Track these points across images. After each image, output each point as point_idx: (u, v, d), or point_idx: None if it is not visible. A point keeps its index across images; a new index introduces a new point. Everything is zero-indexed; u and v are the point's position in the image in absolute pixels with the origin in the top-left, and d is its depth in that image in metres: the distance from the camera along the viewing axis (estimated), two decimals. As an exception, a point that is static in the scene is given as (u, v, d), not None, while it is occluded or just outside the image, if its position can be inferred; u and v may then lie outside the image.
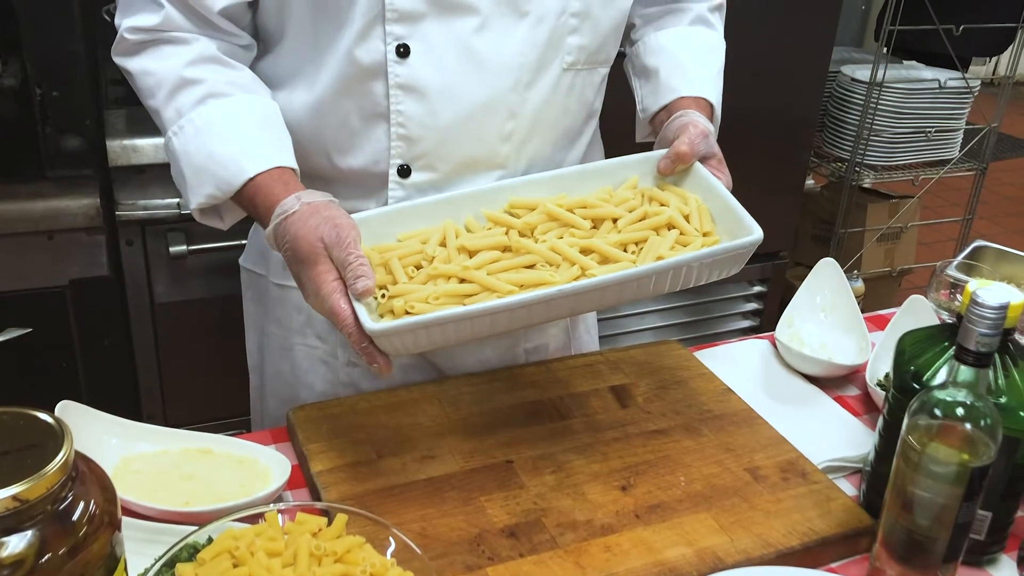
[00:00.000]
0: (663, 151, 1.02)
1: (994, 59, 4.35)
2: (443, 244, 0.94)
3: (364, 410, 1.04)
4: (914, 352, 0.93)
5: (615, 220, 0.97)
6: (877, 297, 2.59)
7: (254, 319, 1.23)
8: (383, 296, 0.89)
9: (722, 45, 1.20)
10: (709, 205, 0.99)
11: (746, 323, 2.45)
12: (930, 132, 2.42)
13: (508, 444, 1.00)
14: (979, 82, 2.44)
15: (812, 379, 1.21)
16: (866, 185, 2.51)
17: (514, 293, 0.87)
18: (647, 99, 1.15)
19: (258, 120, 0.99)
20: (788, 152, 2.29)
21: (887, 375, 1.20)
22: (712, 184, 0.99)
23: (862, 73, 2.45)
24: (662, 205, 0.99)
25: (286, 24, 1.01)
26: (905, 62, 2.59)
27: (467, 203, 0.98)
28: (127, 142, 1.66)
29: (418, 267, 0.93)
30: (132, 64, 0.99)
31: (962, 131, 2.49)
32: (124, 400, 1.86)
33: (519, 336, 1.19)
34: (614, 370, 1.15)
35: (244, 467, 0.95)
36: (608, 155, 1.24)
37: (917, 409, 0.82)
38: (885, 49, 2.31)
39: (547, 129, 1.04)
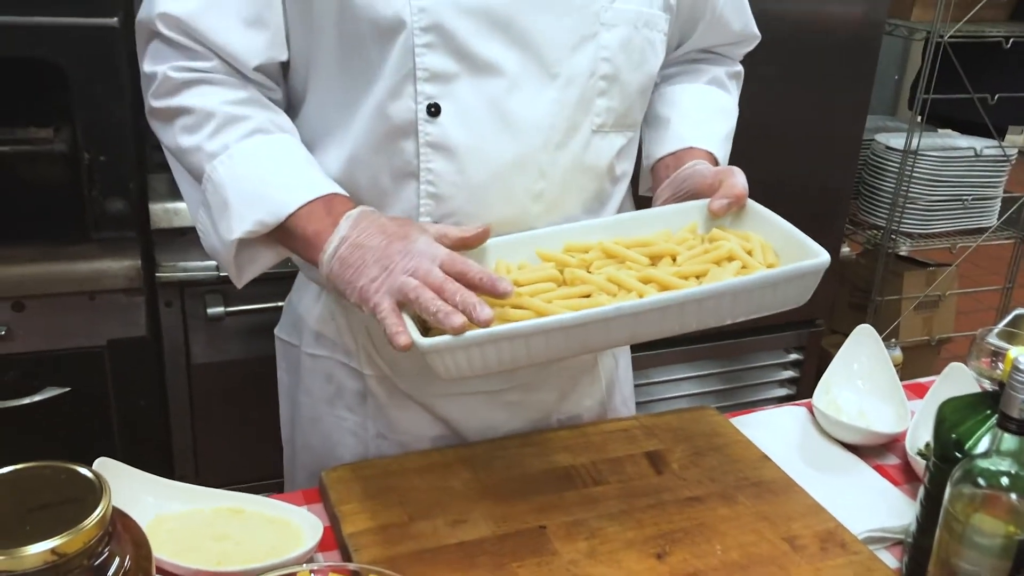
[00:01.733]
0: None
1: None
2: None
3: (396, 472, 1.04)
4: (955, 420, 0.91)
5: (674, 258, 0.96)
6: (916, 366, 2.56)
7: (287, 390, 1.24)
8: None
9: (735, 110, 1.21)
10: (771, 240, 0.97)
11: (782, 391, 2.42)
12: (967, 200, 2.41)
13: (541, 509, 0.99)
14: (1016, 150, 2.43)
15: (850, 447, 1.19)
16: (902, 253, 2.49)
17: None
18: (652, 146, 1.17)
19: (306, 156, 1.00)
20: (823, 220, 2.28)
21: (928, 444, 1.18)
22: (769, 217, 0.98)
23: (896, 142, 2.45)
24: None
25: (315, 83, 1.03)
26: (940, 131, 2.59)
27: (520, 246, 0.99)
28: (169, 205, 1.70)
29: None
30: (177, 101, 0.98)
31: (1000, 199, 2.48)
32: (157, 460, 1.87)
33: (551, 406, 1.18)
34: (649, 436, 1.14)
35: (276, 527, 0.95)
36: None
37: (960, 479, 0.80)
38: (920, 118, 2.31)
39: (577, 190, 1.05)
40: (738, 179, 1.01)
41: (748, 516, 1.00)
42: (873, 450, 1.18)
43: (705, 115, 1.16)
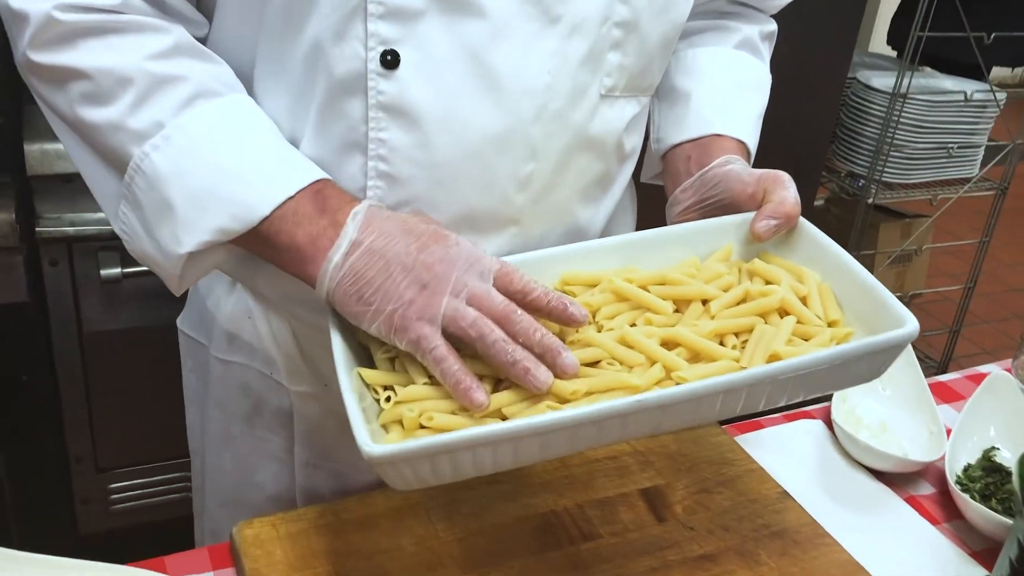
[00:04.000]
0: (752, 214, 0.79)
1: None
2: None
3: (330, 527, 0.81)
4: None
5: (705, 301, 0.74)
6: (884, 323, 2.40)
7: (195, 395, 0.99)
8: (387, 400, 0.66)
9: (769, 82, 0.97)
10: (832, 283, 0.75)
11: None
12: (952, 148, 2.23)
13: (517, 579, 0.78)
14: (1006, 94, 2.24)
15: (876, 471, 0.99)
16: (880, 203, 2.31)
17: (575, 400, 0.65)
18: (668, 127, 0.92)
19: (272, 128, 0.74)
20: (799, 165, 2.08)
21: (966, 469, 0.99)
22: (828, 247, 0.75)
23: (879, 81, 2.24)
24: (768, 283, 0.75)
25: (225, 14, 0.76)
26: (925, 70, 2.39)
27: None
28: (50, 147, 1.40)
29: None
30: (71, 59, 0.69)
31: (983, 147, 2.30)
32: (48, 441, 1.61)
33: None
34: (644, 466, 0.93)
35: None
36: (643, 213, 1.01)
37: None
38: (912, 58, 2.10)
39: (576, 174, 0.81)
40: (789, 192, 0.77)
41: (774, 582, 0.80)
42: (904, 476, 0.99)
43: (735, 92, 0.91)
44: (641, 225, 0.99)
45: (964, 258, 2.84)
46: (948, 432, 1.01)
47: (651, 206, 1.01)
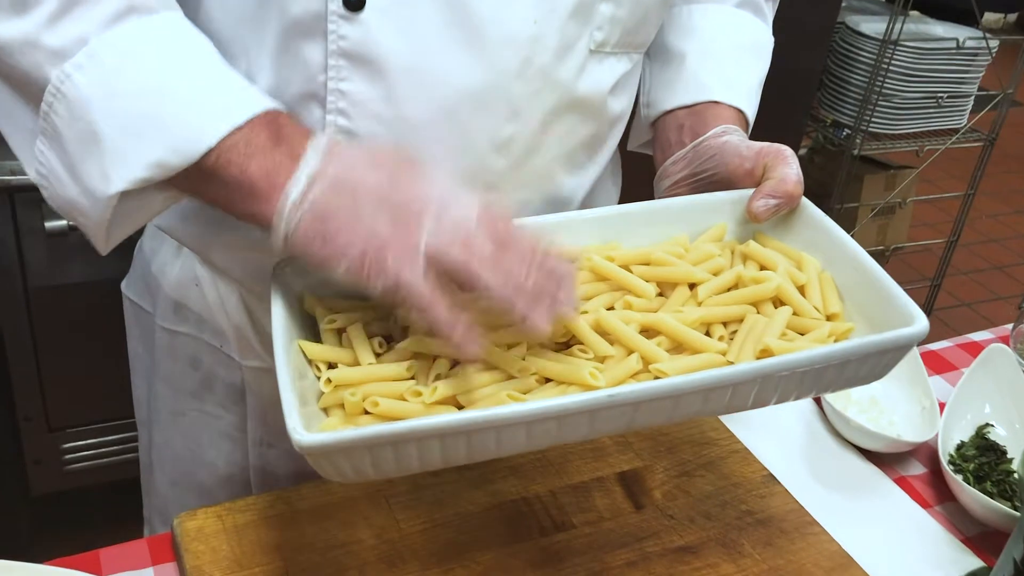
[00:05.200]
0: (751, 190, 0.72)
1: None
2: None
3: (281, 518, 0.75)
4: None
5: (693, 286, 0.67)
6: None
7: (141, 363, 0.92)
8: (328, 381, 0.59)
9: (771, 46, 0.88)
10: (834, 271, 0.68)
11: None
12: (941, 98, 2.16)
13: (484, 575, 0.72)
14: (998, 42, 2.16)
15: (866, 452, 0.94)
16: (865, 154, 2.24)
17: (536, 390, 0.58)
18: (660, 91, 0.84)
19: (214, 51, 0.62)
20: (782, 115, 2.01)
21: (959, 447, 0.94)
22: (830, 230, 0.68)
23: (868, 27, 2.16)
24: (763, 268, 0.68)
25: None
26: (914, 14, 2.30)
27: None
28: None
29: (389, 338, 0.63)
30: None
31: (973, 97, 2.23)
32: (-5, 399, 1.53)
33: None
34: (622, 447, 0.87)
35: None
36: (629, 183, 0.93)
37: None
38: (904, 2, 2.01)
39: (560, 139, 0.73)
40: (791, 169, 0.70)
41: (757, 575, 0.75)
42: (894, 456, 0.94)
43: (735, 55, 0.83)
44: (626, 198, 0.91)
45: (945, 208, 2.80)
46: (941, 407, 0.96)
47: (637, 178, 0.93)
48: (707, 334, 0.64)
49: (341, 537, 0.73)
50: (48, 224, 1.36)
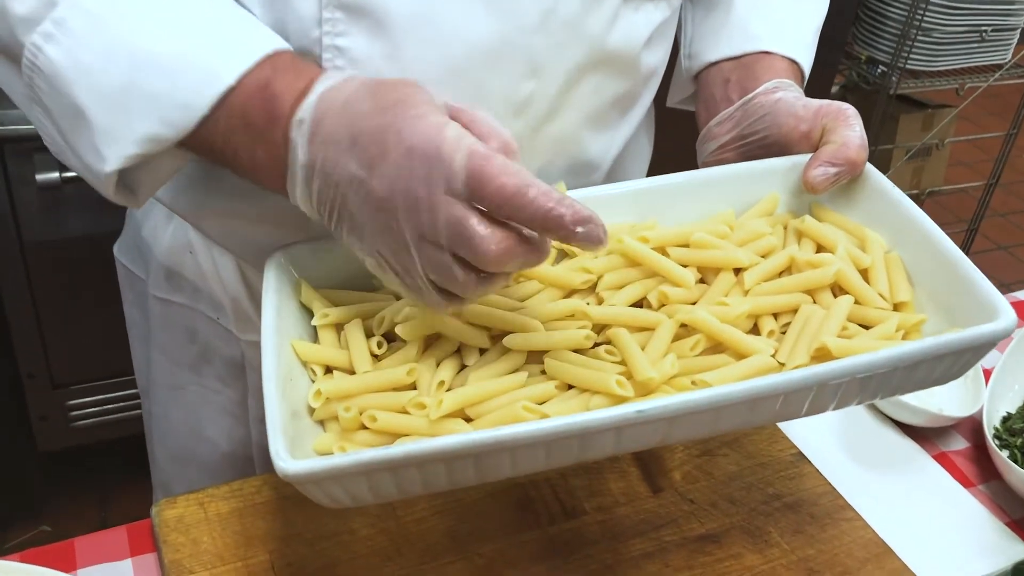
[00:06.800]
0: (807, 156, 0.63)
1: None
2: None
3: (268, 506, 0.69)
4: None
5: (738, 270, 0.59)
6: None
7: (138, 329, 0.86)
8: (318, 393, 0.53)
9: None
10: (903, 251, 0.60)
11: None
12: (985, 32, 2.03)
13: (487, 569, 0.66)
14: (1048, -30, 2.03)
15: (904, 426, 0.87)
16: (902, 93, 2.12)
17: (555, 399, 0.51)
18: (703, 41, 0.75)
19: None
20: (817, 51, 1.90)
21: (1005, 420, 0.87)
22: (908, 213, 0.60)
23: (908, -45, 2.02)
24: (820, 249, 0.61)
25: None
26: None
27: None
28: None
29: (390, 339, 0.56)
30: None
31: (1019, 30, 2.10)
32: (-2, 357, 1.49)
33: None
34: (638, 423, 0.80)
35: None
36: (663, 144, 0.85)
37: None
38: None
39: (587, 97, 0.65)
40: (853, 131, 0.62)
41: (786, 569, 0.69)
42: (935, 431, 0.87)
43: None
44: (659, 160, 0.83)
45: (984, 147, 2.67)
46: (986, 375, 0.89)
47: (675, 137, 0.84)
48: (755, 327, 0.56)
49: (332, 527, 0.68)
50: (40, 176, 1.30)
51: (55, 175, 1.30)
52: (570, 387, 0.54)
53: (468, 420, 0.51)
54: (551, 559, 0.68)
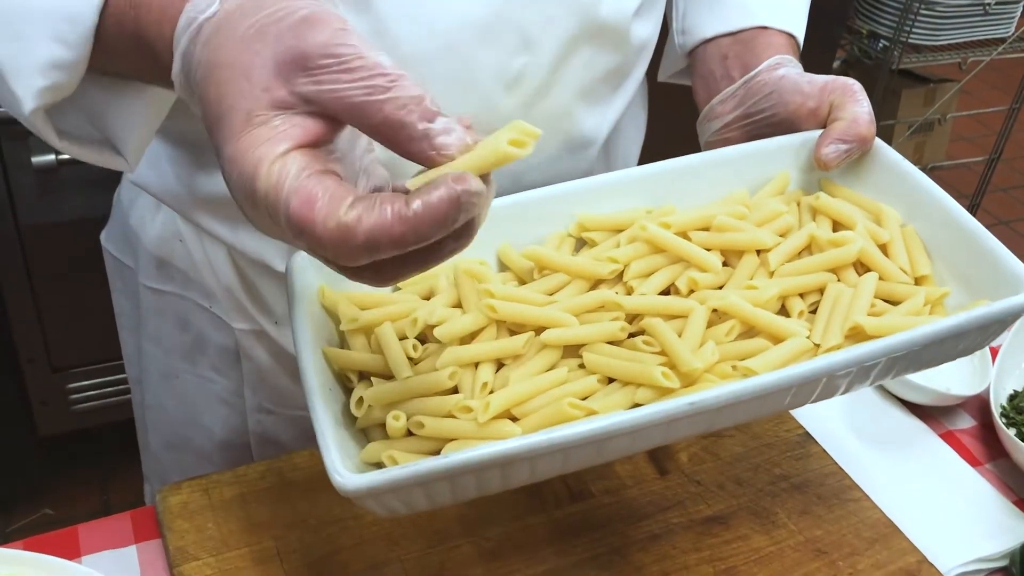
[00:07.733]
0: (817, 132, 0.63)
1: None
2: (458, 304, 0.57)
3: (272, 492, 0.69)
4: None
5: (760, 252, 0.59)
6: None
7: (128, 319, 0.85)
8: (359, 402, 0.52)
9: None
10: (917, 224, 0.60)
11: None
12: (989, 5, 2.01)
13: (494, 553, 0.66)
14: (1051, -58, 2.01)
15: (911, 405, 0.87)
16: (903, 67, 2.11)
17: (598, 393, 0.51)
18: (696, 15, 0.73)
19: None
20: (815, 24, 1.88)
21: (1012, 398, 0.87)
22: (920, 185, 0.59)
23: (910, -74, 2.00)
24: (837, 226, 0.60)
25: None
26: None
27: (498, 222, 0.54)
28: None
29: (423, 340, 0.55)
30: None
31: (1022, 4, 2.08)
32: (-3, 343, 1.48)
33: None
34: (644, 405, 0.80)
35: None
36: (655, 117, 0.84)
37: None
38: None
39: (580, 71, 0.64)
40: (861, 107, 0.61)
41: (794, 549, 0.69)
42: (941, 409, 0.87)
43: None
44: (651, 134, 0.82)
45: (985, 122, 2.66)
46: (993, 353, 0.88)
47: (666, 110, 0.83)
48: (782, 308, 0.56)
49: (336, 512, 0.67)
50: (36, 159, 1.29)
51: (51, 158, 1.29)
52: (610, 380, 0.53)
53: (513, 420, 0.51)
54: (558, 542, 0.67)
